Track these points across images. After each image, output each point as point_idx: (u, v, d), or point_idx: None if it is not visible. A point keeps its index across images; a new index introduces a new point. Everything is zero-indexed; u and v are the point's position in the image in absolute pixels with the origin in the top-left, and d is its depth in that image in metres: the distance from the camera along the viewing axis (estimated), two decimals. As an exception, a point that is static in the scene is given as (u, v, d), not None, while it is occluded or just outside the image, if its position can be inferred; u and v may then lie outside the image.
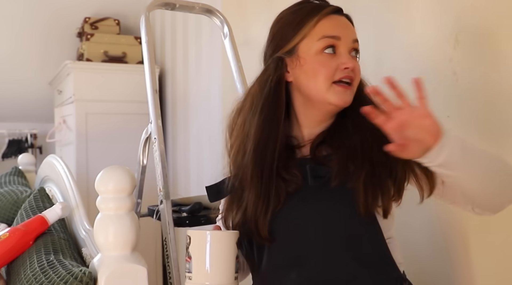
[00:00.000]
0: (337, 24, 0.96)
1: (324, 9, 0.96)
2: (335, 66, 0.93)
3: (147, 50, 1.52)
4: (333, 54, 0.94)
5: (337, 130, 0.96)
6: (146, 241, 2.96)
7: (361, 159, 0.89)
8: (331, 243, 0.90)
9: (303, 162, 0.94)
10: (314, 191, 0.91)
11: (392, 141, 0.80)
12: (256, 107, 0.97)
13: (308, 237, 0.90)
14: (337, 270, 0.89)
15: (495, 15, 1.10)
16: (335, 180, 0.89)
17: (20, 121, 3.61)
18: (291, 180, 0.92)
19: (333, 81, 0.93)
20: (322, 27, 0.95)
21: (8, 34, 3.34)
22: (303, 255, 0.91)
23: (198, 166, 2.68)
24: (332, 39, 0.94)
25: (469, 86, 1.17)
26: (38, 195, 1.56)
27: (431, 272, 0.99)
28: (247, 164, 0.94)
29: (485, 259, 1.15)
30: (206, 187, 1.01)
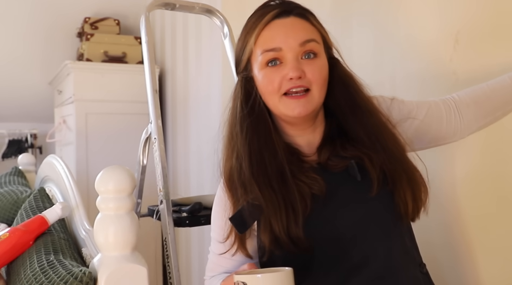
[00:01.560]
0: (277, 33, 0.91)
1: (266, 17, 0.92)
2: (279, 79, 0.89)
3: (147, 50, 1.52)
4: (279, 65, 0.90)
5: (340, 133, 0.95)
6: (146, 241, 2.97)
7: (394, 171, 0.90)
8: (390, 239, 0.90)
9: (318, 170, 0.92)
10: (350, 191, 0.90)
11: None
12: (236, 125, 0.95)
13: (369, 236, 0.89)
14: (393, 265, 0.89)
15: (495, 15, 1.10)
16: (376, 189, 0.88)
17: (20, 121, 3.61)
18: (312, 183, 0.89)
19: (282, 93, 0.90)
20: (261, 40, 0.91)
21: (8, 34, 3.34)
22: (367, 254, 0.88)
23: (198, 166, 2.68)
24: (272, 52, 0.90)
25: (469, 86, 1.17)
26: (38, 195, 1.56)
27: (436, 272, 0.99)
28: (249, 178, 0.90)
29: (489, 257, 1.15)
30: (230, 219, 0.92)
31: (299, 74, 0.88)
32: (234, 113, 0.96)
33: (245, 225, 0.90)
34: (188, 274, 2.84)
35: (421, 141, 1.04)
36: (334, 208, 0.89)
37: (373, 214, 0.89)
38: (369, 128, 0.93)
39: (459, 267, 1.21)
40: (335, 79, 0.95)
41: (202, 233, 2.62)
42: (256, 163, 0.91)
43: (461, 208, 1.21)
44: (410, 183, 0.90)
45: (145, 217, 1.62)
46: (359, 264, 0.88)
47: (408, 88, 1.34)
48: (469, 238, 1.19)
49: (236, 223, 0.91)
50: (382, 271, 0.88)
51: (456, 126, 1.05)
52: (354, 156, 0.91)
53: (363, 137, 0.93)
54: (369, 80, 1.01)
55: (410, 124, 1.02)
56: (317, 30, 0.94)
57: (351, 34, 1.51)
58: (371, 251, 0.88)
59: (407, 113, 1.03)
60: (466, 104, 1.04)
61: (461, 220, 1.21)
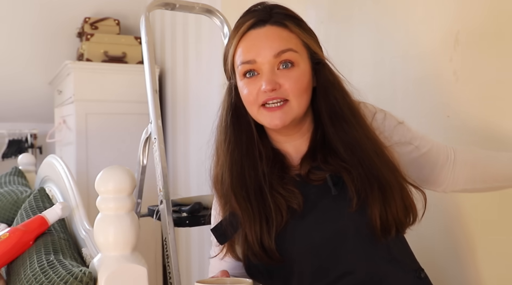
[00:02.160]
0: (252, 44, 0.90)
1: (242, 28, 0.91)
2: (256, 90, 0.89)
3: (147, 50, 1.52)
4: (256, 76, 0.90)
5: (327, 149, 0.92)
6: (146, 241, 2.97)
7: (370, 187, 0.86)
8: (369, 250, 0.87)
9: (298, 182, 0.91)
10: (329, 203, 0.88)
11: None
12: (221, 134, 0.96)
13: (349, 248, 0.86)
14: (376, 272, 0.88)
15: (495, 15, 1.10)
16: (356, 205, 0.85)
17: (20, 121, 3.61)
18: (289, 196, 0.88)
19: (260, 104, 0.89)
20: (238, 52, 0.91)
21: (8, 35, 3.34)
22: (344, 267, 0.87)
23: (198, 165, 2.68)
24: (247, 64, 0.89)
25: (469, 86, 1.17)
26: (38, 195, 1.56)
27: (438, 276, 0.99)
28: (228, 189, 0.91)
29: (491, 261, 1.15)
30: (211, 230, 0.96)
31: (272, 87, 0.87)
32: (220, 121, 0.97)
33: (225, 236, 0.93)
34: (188, 274, 2.84)
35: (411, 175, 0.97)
36: (312, 221, 0.88)
37: (352, 226, 0.87)
38: (347, 140, 0.90)
39: (461, 270, 1.21)
40: (319, 87, 0.94)
41: (202, 233, 2.62)
42: (236, 174, 0.91)
43: (463, 211, 1.21)
44: (384, 199, 0.86)
45: (145, 217, 1.62)
46: (341, 275, 0.87)
47: (408, 88, 1.34)
48: (471, 241, 1.19)
49: (217, 234, 0.94)
50: (363, 282, 0.87)
51: (446, 178, 1.01)
52: (333, 170, 0.89)
53: (340, 150, 0.90)
54: (369, 80, 1.01)
55: (410, 152, 0.98)
56: (297, 37, 0.91)
57: (351, 34, 1.51)
58: (352, 263, 0.87)
59: (409, 141, 0.99)
60: (464, 163, 1.01)
61: (463, 224, 1.21)
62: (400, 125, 1.00)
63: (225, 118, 0.95)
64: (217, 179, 0.96)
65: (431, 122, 1.26)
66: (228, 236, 0.92)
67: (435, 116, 1.25)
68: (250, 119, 0.94)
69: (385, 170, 0.88)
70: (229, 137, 0.94)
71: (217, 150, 0.97)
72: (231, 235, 0.92)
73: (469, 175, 1.01)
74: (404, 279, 0.90)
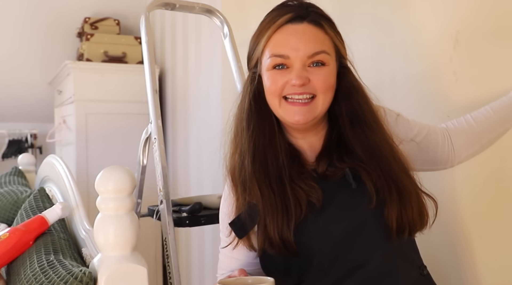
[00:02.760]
0: (288, 39, 0.89)
1: (279, 20, 0.90)
2: (283, 82, 0.89)
3: (147, 50, 1.52)
4: (285, 69, 0.90)
5: (343, 148, 0.93)
6: (146, 241, 2.97)
7: (388, 189, 0.88)
8: (383, 245, 0.89)
9: (316, 178, 0.92)
10: (346, 197, 0.89)
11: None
12: (242, 121, 0.95)
13: (365, 242, 0.88)
14: (388, 266, 0.89)
15: (495, 15, 1.10)
16: (376, 203, 0.87)
17: (20, 121, 3.61)
18: (309, 191, 0.89)
19: (283, 96, 0.90)
20: (272, 43, 0.91)
21: (9, 35, 3.34)
22: (359, 259, 0.88)
23: (198, 166, 2.68)
24: (280, 58, 0.90)
25: (469, 86, 1.17)
26: (38, 195, 1.56)
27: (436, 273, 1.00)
28: (250, 177, 0.91)
29: (489, 258, 1.15)
30: (230, 224, 0.94)
31: (302, 82, 0.88)
32: (242, 109, 0.97)
33: (245, 230, 0.92)
34: (188, 274, 2.84)
35: (414, 163, 1.00)
36: (331, 216, 0.89)
37: (370, 222, 0.89)
38: (367, 144, 0.92)
39: (459, 270, 1.21)
40: (341, 90, 0.94)
41: (202, 233, 2.62)
42: (259, 162, 0.91)
43: (461, 209, 1.21)
44: (401, 203, 0.88)
45: (145, 217, 1.62)
46: (354, 267, 0.88)
47: (408, 88, 1.34)
48: (469, 241, 1.19)
49: (236, 228, 0.93)
50: (376, 273, 0.88)
51: (449, 154, 1.08)
52: (350, 167, 0.91)
53: (359, 153, 0.92)
54: (369, 80, 1.01)
55: (412, 147, 1.02)
56: (330, 39, 0.92)
57: (352, 33, 1.51)
58: (367, 256, 0.88)
59: (408, 132, 1.03)
60: (455, 134, 1.08)
61: (462, 221, 1.21)
62: (399, 118, 1.04)
63: (247, 106, 0.95)
64: (234, 167, 0.95)
65: (431, 122, 1.26)
66: (247, 229, 0.92)
67: (435, 116, 1.25)
68: (271, 111, 0.95)
69: (402, 175, 0.91)
70: (252, 126, 0.93)
71: (235, 138, 0.96)
72: (250, 228, 0.92)
73: (464, 141, 1.08)
74: (410, 274, 0.92)
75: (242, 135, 0.94)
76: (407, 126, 1.04)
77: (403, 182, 0.90)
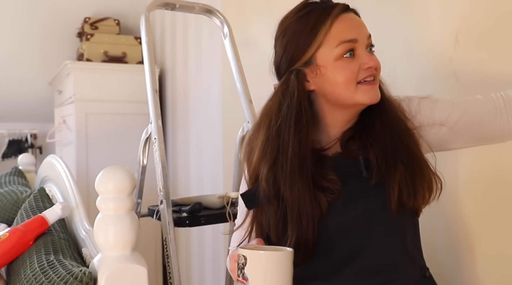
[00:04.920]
0: (351, 24, 0.94)
1: (334, 10, 0.93)
2: (357, 68, 0.92)
3: (147, 50, 1.52)
4: (353, 57, 0.93)
5: (364, 128, 0.96)
6: (146, 241, 2.96)
7: (393, 159, 0.91)
8: (389, 234, 0.91)
9: (336, 161, 0.94)
10: (358, 188, 0.92)
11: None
12: (283, 122, 0.94)
13: (367, 230, 0.90)
14: (390, 261, 0.91)
15: (495, 15, 1.10)
16: (375, 178, 0.90)
17: (20, 121, 3.61)
18: (330, 187, 0.90)
19: (357, 82, 0.93)
20: (336, 31, 0.92)
21: (8, 35, 3.34)
22: (357, 250, 0.90)
23: (198, 166, 2.68)
24: (350, 43, 0.92)
25: (469, 86, 1.17)
26: (38, 195, 1.56)
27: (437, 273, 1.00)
28: (285, 178, 0.91)
29: (490, 259, 1.15)
30: (241, 195, 0.97)
31: (375, 64, 0.94)
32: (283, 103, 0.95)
33: (255, 203, 0.95)
34: (188, 274, 2.84)
35: (455, 142, 1.00)
36: (339, 204, 0.91)
37: (373, 210, 0.91)
38: (384, 117, 0.95)
39: (459, 270, 1.21)
40: None
41: (202, 233, 2.62)
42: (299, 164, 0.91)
43: (463, 210, 1.21)
44: (407, 172, 0.90)
45: (145, 217, 1.62)
46: (353, 256, 0.90)
47: (408, 88, 1.34)
48: (470, 241, 1.19)
49: (247, 199, 0.96)
50: (376, 265, 0.90)
51: (503, 128, 0.95)
52: (364, 144, 0.94)
53: (376, 127, 0.95)
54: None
55: (437, 131, 0.98)
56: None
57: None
58: (368, 244, 0.90)
59: (437, 113, 0.98)
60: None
61: (463, 222, 1.21)
62: (424, 101, 1.00)
63: (294, 101, 0.94)
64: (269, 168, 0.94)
65: (431, 122, 1.26)
66: (257, 203, 0.94)
67: (435, 116, 1.25)
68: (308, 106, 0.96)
69: (412, 147, 0.94)
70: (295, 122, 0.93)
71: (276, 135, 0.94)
72: (261, 203, 0.94)
73: None
74: (412, 273, 0.93)
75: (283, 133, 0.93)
76: (432, 108, 0.99)
77: (411, 152, 0.93)
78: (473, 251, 1.18)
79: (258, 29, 2.06)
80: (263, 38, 2.02)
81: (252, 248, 0.84)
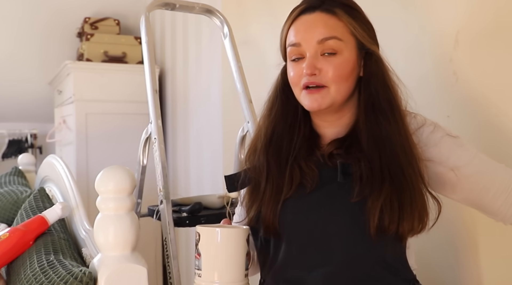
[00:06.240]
0: (300, 28, 0.94)
1: (295, 12, 0.95)
2: (300, 72, 0.93)
3: (147, 50, 1.52)
4: (301, 60, 0.93)
5: (356, 139, 0.92)
6: (146, 241, 2.97)
7: (380, 179, 0.85)
8: (357, 245, 0.86)
9: (320, 163, 0.93)
10: (336, 191, 0.88)
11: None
12: (269, 109, 1.01)
13: (333, 238, 0.87)
14: (360, 271, 0.87)
15: (495, 15, 1.10)
16: (357, 195, 0.85)
17: (20, 121, 3.61)
18: (307, 172, 0.91)
19: (302, 87, 0.93)
20: (290, 34, 0.96)
21: (8, 34, 3.34)
22: (327, 255, 0.87)
23: (198, 166, 2.68)
24: (293, 47, 0.94)
25: (469, 86, 1.17)
26: (38, 195, 1.56)
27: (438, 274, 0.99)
28: (261, 155, 0.97)
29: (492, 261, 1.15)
30: (225, 176, 1.01)
31: (311, 71, 0.90)
32: (269, 98, 1.03)
33: (235, 187, 0.99)
34: (188, 274, 2.84)
35: (453, 193, 0.95)
36: (312, 203, 0.90)
37: (347, 217, 0.87)
38: (376, 132, 0.89)
39: (462, 271, 1.21)
40: (364, 77, 0.95)
41: (202, 233, 2.62)
42: (275, 144, 0.97)
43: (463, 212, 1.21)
44: (393, 196, 0.84)
45: (145, 217, 1.62)
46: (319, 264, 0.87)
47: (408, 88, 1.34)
48: (473, 242, 1.19)
49: (228, 183, 1.00)
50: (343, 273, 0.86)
51: (501, 211, 0.91)
52: (350, 159, 0.89)
53: (362, 140, 0.90)
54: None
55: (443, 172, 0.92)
56: (344, 25, 0.92)
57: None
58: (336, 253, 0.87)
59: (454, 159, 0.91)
60: None
61: (464, 223, 1.21)
62: (448, 138, 0.93)
63: (273, 95, 1.02)
64: (252, 144, 1.02)
65: (431, 122, 1.26)
66: (237, 187, 0.99)
67: (435, 117, 1.24)
68: (296, 100, 0.99)
69: (407, 168, 0.87)
70: (275, 111, 0.99)
71: (261, 119, 1.03)
72: (241, 188, 0.99)
73: None
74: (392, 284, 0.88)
75: (265, 121, 1.01)
76: (450, 151, 0.92)
77: (405, 175, 0.86)
78: (476, 253, 1.18)
79: (258, 29, 2.06)
80: (263, 38, 2.02)
81: (210, 226, 0.89)
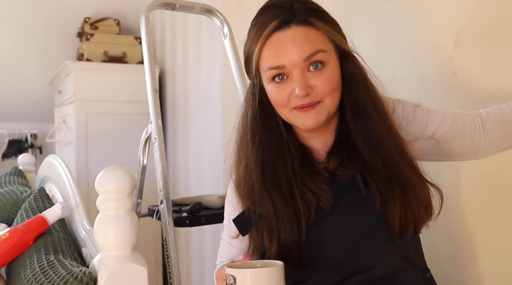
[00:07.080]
0: (279, 49, 0.85)
1: (266, 30, 0.86)
2: (287, 94, 0.87)
3: (147, 50, 1.52)
4: (286, 80, 0.87)
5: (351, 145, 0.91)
6: (146, 241, 2.97)
7: (391, 186, 0.86)
8: (388, 248, 0.88)
9: (327, 178, 0.90)
10: (354, 200, 0.88)
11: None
12: (247, 134, 0.93)
13: (370, 246, 0.88)
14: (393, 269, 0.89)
15: (495, 15, 1.10)
16: (380, 206, 0.86)
17: (20, 121, 3.61)
18: (320, 193, 0.88)
19: (292, 108, 0.88)
20: (265, 56, 0.87)
21: (8, 34, 3.34)
22: (365, 263, 0.88)
23: (198, 166, 2.68)
24: (276, 69, 0.86)
25: (469, 86, 1.17)
26: (38, 195, 1.56)
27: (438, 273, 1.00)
28: (260, 190, 0.89)
29: (492, 261, 1.15)
30: (233, 220, 0.93)
31: (305, 93, 0.85)
32: (245, 121, 0.94)
33: (248, 228, 0.91)
34: (188, 274, 2.84)
35: (439, 155, 0.99)
36: (338, 218, 0.88)
37: (376, 226, 0.88)
38: (368, 137, 0.89)
39: (461, 270, 1.21)
40: (344, 80, 0.91)
41: (202, 233, 2.62)
42: (270, 175, 0.89)
43: (463, 210, 1.21)
44: (405, 197, 0.86)
45: (145, 217, 1.62)
46: (360, 270, 0.88)
47: (408, 88, 1.34)
48: (472, 241, 1.19)
49: (239, 225, 0.92)
50: (380, 275, 0.88)
51: (480, 145, 0.98)
52: (358, 169, 0.89)
53: (360, 147, 0.90)
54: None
55: (426, 142, 0.97)
56: (323, 34, 0.87)
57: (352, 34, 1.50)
58: (373, 261, 0.88)
59: (428, 126, 0.97)
60: (493, 122, 0.98)
61: (465, 223, 1.21)
62: (417, 109, 0.98)
63: (251, 118, 0.93)
64: (240, 181, 0.93)
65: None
66: (250, 228, 0.91)
67: (435, 116, 1.25)
68: (278, 118, 0.93)
69: (406, 168, 0.89)
70: (259, 138, 0.91)
71: (239, 151, 0.94)
72: (254, 226, 0.91)
73: (504, 133, 0.99)
74: (414, 278, 0.92)
75: (248, 148, 0.92)
76: (425, 119, 0.97)
77: (406, 175, 0.88)
78: (475, 251, 1.18)
79: (258, 29, 2.06)
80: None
81: (240, 265, 0.81)
